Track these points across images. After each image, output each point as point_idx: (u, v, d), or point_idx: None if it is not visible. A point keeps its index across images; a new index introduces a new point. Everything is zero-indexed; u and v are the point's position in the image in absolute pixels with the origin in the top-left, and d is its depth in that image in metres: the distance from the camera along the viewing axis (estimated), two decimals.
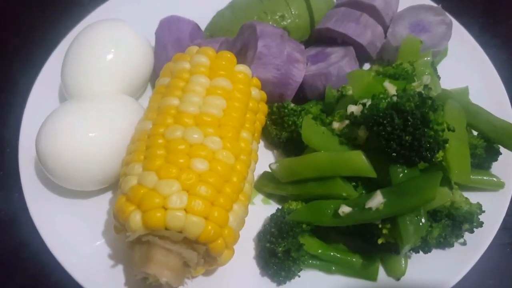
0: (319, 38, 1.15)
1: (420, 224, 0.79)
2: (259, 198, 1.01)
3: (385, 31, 1.14)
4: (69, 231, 0.94)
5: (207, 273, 0.90)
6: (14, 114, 1.10)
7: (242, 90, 0.92)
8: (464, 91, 1.07)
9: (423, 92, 0.80)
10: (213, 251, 0.79)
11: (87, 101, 0.96)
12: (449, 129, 0.79)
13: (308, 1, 1.17)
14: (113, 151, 0.92)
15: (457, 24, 1.20)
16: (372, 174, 0.84)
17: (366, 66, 1.18)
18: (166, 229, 0.75)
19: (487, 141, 0.95)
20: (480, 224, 0.88)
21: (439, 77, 1.02)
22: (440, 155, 0.81)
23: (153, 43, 1.14)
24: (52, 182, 0.95)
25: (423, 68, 0.96)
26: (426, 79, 0.87)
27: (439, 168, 0.83)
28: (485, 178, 0.96)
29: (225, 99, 0.88)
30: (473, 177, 0.94)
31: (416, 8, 1.15)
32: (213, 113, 0.86)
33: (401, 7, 1.18)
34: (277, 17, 1.15)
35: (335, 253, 0.89)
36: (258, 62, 0.99)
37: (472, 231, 0.88)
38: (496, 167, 1.00)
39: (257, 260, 0.92)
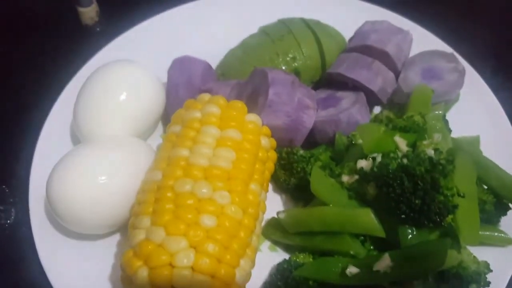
0: (330, 81, 1.15)
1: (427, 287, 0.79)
2: (266, 244, 1.01)
3: (397, 76, 1.14)
4: (77, 274, 0.94)
5: None
6: (27, 149, 1.11)
7: (252, 140, 0.92)
8: (475, 141, 1.06)
9: (433, 157, 0.80)
10: None
11: (97, 145, 0.97)
12: (459, 195, 0.79)
13: (320, 43, 1.17)
14: (123, 196, 0.93)
15: (469, 68, 1.20)
16: (381, 233, 0.84)
17: (377, 109, 1.18)
18: (173, 287, 0.76)
19: (496, 197, 0.94)
20: (487, 284, 0.87)
21: (450, 131, 1.01)
22: (449, 218, 0.81)
23: (164, 80, 1.15)
24: (61, 224, 0.96)
25: (434, 122, 0.95)
26: (437, 137, 0.87)
27: (449, 230, 0.83)
28: (494, 234, 0.95)
29: (235, 150, 0.89)
30: (481, 233, 0.93)
31: (428, 53, 1.15)
32: (223, 166, 0.86)
33: (413, 51, 1.18)
34: (289, 58, 1.16)
35: None
36: (269, 110, 0.99)
37: None
38: (506, 221, 0.99)
39: None
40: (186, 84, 1.11)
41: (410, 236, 0.81)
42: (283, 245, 1.00)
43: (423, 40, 1.22)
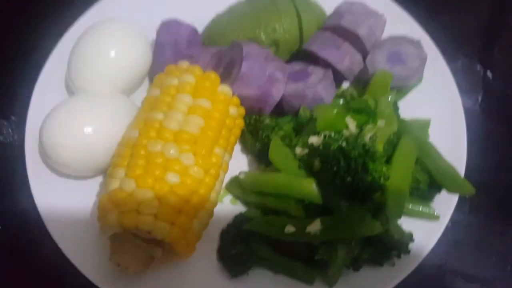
0: (305, 54, 1.25)
1: (350, 249, 0.94)
2: (228, 198, 1.15)
3: (365, 57, 1.23)
4: (64, 208, 1.08)
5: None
6: (21, 101, 1.22)
7: (221, 110, 1.04)
8: (425, 124, 1.16)
9: (367, 144, 0.92)
10: (177, 249, 0.96)
11: (86, 99, 1.10)
12: (384, 178, 0.92)
13: (300, 18, 1.25)
14: (106, 146, 1.05)
15: (437, 52, 1.28)
16: (319, 201, 0.98)
17: (345, 84, 1.28)
18: (137, 229, 0.91)
19: (431, 178, 1.07)
20: (408, 252, 1.02)
21: (398, 116, 1.12)
22: (378, 195, 0.95)
23: (152, 39, 1.24)
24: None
25: (384, 108, 1.06)
26: (380, 123, 0.99)
27: (377, 205, 0.97)
28: (422, 210, 1.08)
29: (204, 118, 1.01)
30: (412, 207, 1.07)
31: (397, 38, 1.23)
32: (191, 131, 0.99)
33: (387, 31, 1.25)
34: (269, 29, 1.23)
35: (282, 257, 1.05)
36: (241, 82, 1.10)
37: (399, 257, 1.03)
38: (439, 196, 1.11)
39: (217, 255, 1.08)
40: (171, 46, 1.21)
41: (342, 206, 0.95)
42: (243, 200, 1.15)
43: (398, 20, 1.29)
